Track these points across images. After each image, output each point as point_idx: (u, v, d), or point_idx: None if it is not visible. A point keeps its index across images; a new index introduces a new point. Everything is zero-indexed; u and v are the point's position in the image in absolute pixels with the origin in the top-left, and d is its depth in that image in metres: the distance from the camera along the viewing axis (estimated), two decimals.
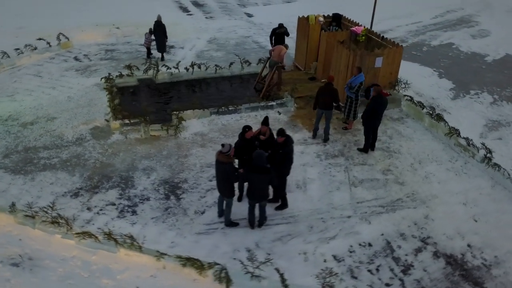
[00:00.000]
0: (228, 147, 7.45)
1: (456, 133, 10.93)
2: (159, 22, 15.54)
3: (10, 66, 14.77)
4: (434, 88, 14.41)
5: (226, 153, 7.43)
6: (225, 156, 7.44)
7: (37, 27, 18.10)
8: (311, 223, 8.38)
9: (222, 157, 7.46)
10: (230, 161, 7.48)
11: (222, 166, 7.51)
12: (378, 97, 10.09)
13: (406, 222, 8.48)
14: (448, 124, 11.28)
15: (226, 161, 7.46)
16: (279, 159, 7.98)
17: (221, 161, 7.48)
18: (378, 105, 10.03)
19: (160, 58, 15.97)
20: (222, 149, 7.47)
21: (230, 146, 7.49)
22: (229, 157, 7.48)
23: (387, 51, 12.39)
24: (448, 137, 11.06)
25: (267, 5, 24.86)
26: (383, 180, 9.68)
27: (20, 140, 10.64)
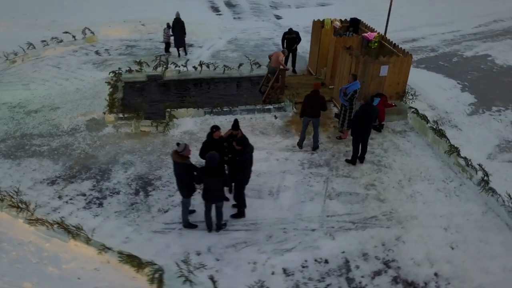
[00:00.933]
0: (183, 147, 7.38)
1: (456, 152, 10.11)
2: (178, 19, 15.86)
3: (35, 56, 15.64)
4: (451, 101, 13.45)
5: (180, 153, 7.35)
6: (179, 156, 7.37)
7: (69, 21, 19.05)
8: (272, 232, 8.09)
9: (176, 156, 7.39)
10: (184, 161, 7.39)
11: (177, 166, 7.45)
12: (367, 105, 9.57)
13: (374, 242, 7.94)
14: (449, 141, 10.47)
15: (180, 161, 7.38)
16: (236, 165, 7.79)
17: (175, 160, 7.41)
18: (366, 113, 9.50)
19: (177, 54, 16.24)
20: (177, 148, 7.40)
21: (185, 146, 7.41)
22: (184, 157, 7.39)
23: (394, 60, 11.72)
24: (447, 155, 10.26)
25: (299, 8, 24.52)
26: (363, 195, 9.16)
27: (20, 127, 11.21)
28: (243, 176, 7.90)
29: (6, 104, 12.27)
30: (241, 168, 7.77)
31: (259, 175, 9.65)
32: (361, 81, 11.68)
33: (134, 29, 19.03)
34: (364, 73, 11.64)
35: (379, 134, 11.44)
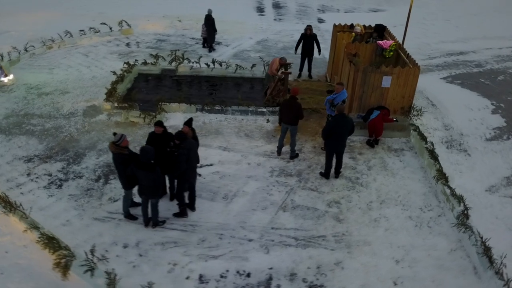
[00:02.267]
0: (119, 137, 7.39)
1: (443, 178, 9.00)
2: (209, 15, 16.10)
3: (71, 44, 16.78)
4: (473, 123, 12.00)
5: (117, 143, 7.37)
6: (115, 146, 7.40)
7: (115, 13, 20.14)
8: (207, 237, 7.82)
9: (112, 147, 7.43)
10: (119, 151, 7.40)
11: (114, 156, 7.50)
12: (339, 117, 8.88)
13: (309, 263, 7.33)
14: (440, 165, 9.36)
15: (114, 151, 7.41)
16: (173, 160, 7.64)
17: (111, 150, 7.46)
18: (337, 125, 8.82)
19: (208, 49, 16.65)
20: (114, 138, 7.44)
21: (121, 136, 7.41)
22: (120, 147, 7.39)
23: (398, 71, 10.74)
24: (435, 181, 9.18)
25: (348, 12, 23.59)
26: (321, 212, 8.51)
27: (27, 106, 12.08)
28: (182, 174, 7.68)
29: (26, 85, 13.29)
30: (176, 163, 7.57)
31: (223, 177, 9.41)
32: (361, 91, 10.91)
33: (170, 24, 19.62)
34: (364, 83, 10.83)
35: (371, 149, 10.58)
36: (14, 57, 14.86)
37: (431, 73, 15.44)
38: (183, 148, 7.50)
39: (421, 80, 14.36)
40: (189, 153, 7.54)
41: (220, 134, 11.04)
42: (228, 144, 10.61)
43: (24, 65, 14.82)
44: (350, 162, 10.09)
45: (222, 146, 10.53)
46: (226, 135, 11.03)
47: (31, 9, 20.98)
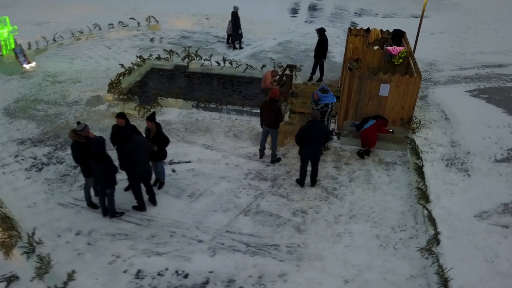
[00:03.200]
0: (82, 126, 7.52)
1: (424, 197, 8.28)
2: (234, 12, 16.23)
3: (99, 37, 17.53)
4: (486, 142, 10.95)
5: (79, 132, 7.50)
6: (75, 134, 7.54)
7: (149, 9, 20.78)
8: (159, 233, 7.76)
9: (72, 134, 7.59)
10: (76, 140, 7.52)
11: (73, 144, 7.65)
12: (312, 123, 8.46)
13: (252, 271, 7.04)
14: (424, 184, 8.63)
15: (72, 138, 7.55)
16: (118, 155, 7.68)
17: (70, 137, 7.63)
18: (309, 131, 8.40)
19: (233, 47, 16.86)
20: (77, 127, 7.59)
21: (84, 126, 7.54)
22: (80, 136, 7.52)
23: (397, 79, 10.04)
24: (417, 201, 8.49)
25: (386, 17, 22.56)
26: (284, 220, 8.15)
27: (38, 92, 12.76)
28: (127, 168, 7.68)
29: (44, 73, 14.05)
30: (121, 159, 7.59)
31: (196, 176, 9.33)
32: (357, 98, 10.37)
33: (198, 22, 19.87)
34: (360, 90, 10.27)
35: (359, 160, 10.00)
36: (42, 46, 15.74)
37: (457, 85, 14.33)
38: (125, 147, 7.48)
39: (442, 92, 13.51)
40: (132, 152, 7.49)
41: (209, 132, 10.96)
42: (213, 143, 10.51)
43: (50, 54, 15.67)
44: (333, 172, 9.59)
45: (206, 144, 10.44)
46: (215, 133, 10.92)
47: (73, 2, 22.19)
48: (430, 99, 13.19)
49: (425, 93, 13.58)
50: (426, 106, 12.73)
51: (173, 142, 10.47)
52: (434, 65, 16.05)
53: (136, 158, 7.54)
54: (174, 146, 10.34)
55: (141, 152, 7.59)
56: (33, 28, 18.08)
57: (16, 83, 13.27)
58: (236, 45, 16.93)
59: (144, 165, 7.78)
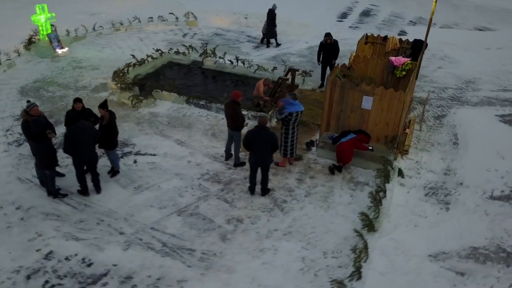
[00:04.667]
0: (29, 105, 7.90)
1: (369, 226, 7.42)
2: (271, 10, 16.33)
3: (137, 29, 18.39)
4: (488, 175, 9.52)
5: (26, 109, 7.90)
6: (25, 113, 7.95)
7: (194, 5, 21.31)
8: (89, 219, 7.90)
9: (23, 114, 8.01)
10: (26, 119, 7.92)
11: (22, 123, 8.08)
12: (258, 130, 8.09)
13: (153, 272, 6.86)
14: (377, 212, 7.72)
15: (24, 118, 7.96)
16: None
17: (21, 116, 8.06)
18: (256, 138, 8.02)
19: (266, 45, 16.89)
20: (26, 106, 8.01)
21: (31, 105, 7.91)
22: (28, 115, 7.88)
23: (381, 92, 9.12)
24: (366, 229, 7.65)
25: (445, 28, 20.72)
26: (214, 226, 7.84)
27: (57, 75, 13.74)
28: (70, 151, 7.86)
29: (72, 58, 15.09)
30: (66, 143, 7.77)
31: (153, 169, 9.36)
32: (339, 109, 9.65)
33: (236, 20, 19.91)
34: (342, 100, 9.53)
35: (328, 176, 9.29)
36: (81, 34, 16.91)
37: (489, 107, 12.65)
38: (69, 131, 7.67)
39: (466, 113, 12.07)
40: (76, 137, 7.66)
41: (189, 129, 10.92)
42: (187, 139, 10.45)
43: (87, 42, 16.77)
44: (293, 184, 9.00)
45: (180, 140, 10.42)
46: (194, 130, 10.86)
47: None
48: (448, 119, 11.79)
49: (444, 112, 12.19)
50: (438, 126, 11.41)
51: (149, 134, 10.66)
52: (473, 83, 14.33)
53: (80, 143, 7.73)
54: (148, 138, 10.50)
55: (85, 137, 7.77)
56: (86, 18, 19.41)
57: (44, 66, 14.41)
58: (269, 44, 16.92)
59: (88, 151, 7.94)
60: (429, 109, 12.36)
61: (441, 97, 13.16)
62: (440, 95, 13.35)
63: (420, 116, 11.87)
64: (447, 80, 14.46)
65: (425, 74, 14.91)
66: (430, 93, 13.36)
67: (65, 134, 7.98)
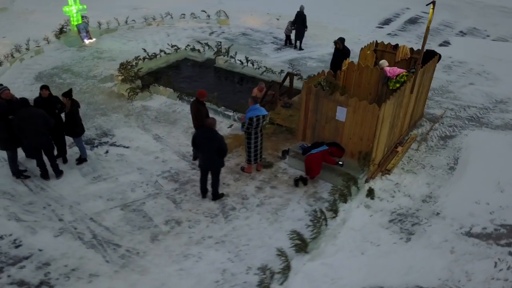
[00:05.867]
0: (1, 88, 8.33)
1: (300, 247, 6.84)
2: (300, 12, 16.08)
3: (168, 24, 18.86)
4: (479, 208, 8.39)
5: None
6: None
7: (231, 4, 21.42)
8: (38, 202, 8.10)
9: None
10: None
11: None
12: (203, 131, 7.78)
13: (67, 260, 6.88)
14: (318, 233, 7.11)
15: None
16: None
17: None
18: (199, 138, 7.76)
19: (299, 47, 16.63)
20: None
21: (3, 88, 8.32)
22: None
23: (354, 103, 8.38)
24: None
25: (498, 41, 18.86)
26: (151, 225, 7.70)
27: (75, 64, 14.48)
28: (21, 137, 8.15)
29: (97, 49, 15.83)
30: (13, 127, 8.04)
31: (119, 161, 9.48)
32: (314, 119, 9.11)
33: (268, 21, 19.64)
34: (316, 109, 8.96)
35: (291, 187, 8.77)
36: (113, 27, 17.69)
37: (510, 131, 11.17)
38: (15, 116, 7.90)
39: (481, 136, 10.94)
40: (21, 122, 7.88)
41: (172, 125, 10.92)
42: (165, 135, 10.44)
43: (117, 34, 17.49)
44: (251, 191, 8.61)
45: (157, 135, 10.44)
46: (176, 127, 10.83)
47: None
48: (454, 141, 10.60)
49: (455, 133, 10.97)
50: (439, 148, 10.30)
51: (132, 127, 10.80)
52: (504, 103, 12.80)
53: (27, 129, 7.99)
54: (129, 131, 10.65)
55: (33, 123, 8.00)
56: (128, 12, 20.26)
57: (68, 54, 15.26)
58: (297, 44, 16.68)
59: (38, 137, 8.17)
60: (438, 128, 11.19)
61: (458, 116, 11.85)
62: (459, 113, 12.03)
63: (423, 134, 10.80)
64: (474, 98, 13.02)
65: (451, 90, 13.58)
66: (448, 110, 12.14)
67: (12, 120, 8.14)
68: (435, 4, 8.61)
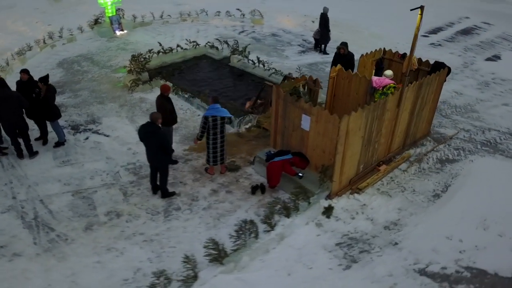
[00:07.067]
0: None
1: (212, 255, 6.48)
2: (323, 14, 15.65)
3: (202, 21, 19.09)
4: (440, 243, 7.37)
5: None
6: None
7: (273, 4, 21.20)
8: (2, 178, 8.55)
9: None
10: None
11: None
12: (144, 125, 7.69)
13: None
14: (217, 247, 6.68)
15: None
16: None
17: None
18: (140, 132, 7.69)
19: (323, 50, 16.18)
20: None
21: None
22: None
23: (317, 112, 7.77)
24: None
25: None
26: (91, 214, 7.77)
27: (98, 53, 15.14)
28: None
29: (125, 40, 16.44)
30: None
31: (93, 149, 9.71)
32: (283, 125, 8.67)
33: (302, 23, 19.07)
34: (285, 115, 8.50)
35: (247, 194, 8.38)
36: (147, 20, 18.28)
37: None
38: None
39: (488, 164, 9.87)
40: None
41: None
42: None
43: (150, 28, 18.04)
44: (204, 194, 8.36)
45: None
46: None
47: None
48: (454, 166, 9.47)
49: (459, 157, 9.82)
50: (432, 171, 9.28)
51: (121, 117, 11.05)
52: None
53: (2, 110, 8.45)
54: (116, 120, 10.89)
55: (7, 104, 8.44)
56: (171, 7, 20.87)
57: (97, 44, 16.03)
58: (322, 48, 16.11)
59: (13, 117, 8.60)
60: (442, 150, 10.03)
61: (472, 139, 10.53)
62: (474, 136, 10.69)
63: (420, 154, 9.76)
64: (500, 121, 11.50)
65: (477, 109, 12.14)
66: (463, 131, 10.86)
67: None
68: (423, 9, 7.67)
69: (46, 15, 19.12)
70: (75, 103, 11.55)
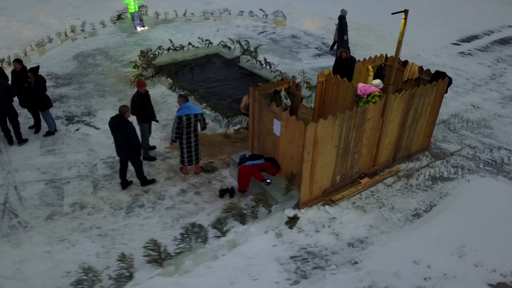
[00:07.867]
0: None
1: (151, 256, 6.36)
2: (341, 16, 15.16)
3: (225, 20, 19.08)
4: (401, 264, 6.84)
5: None
6: None
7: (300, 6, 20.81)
8: None
9: None
10: None
11: None
12: (112, 118, 7.68)
13: None
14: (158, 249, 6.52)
15: None
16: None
17: None
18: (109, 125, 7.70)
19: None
20: None
21: None
22: None
23: (286, 118, 7.44)
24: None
25: None
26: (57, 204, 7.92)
27: (115, 47, 15.50)
28: None
29: (144, 36, 16.72)
30: None
31: (80, 140, 9.93)
32: (258, 129, 8.46)
33: (325, 26, 18.53)
34: (260, 119, 8.27)
35: (215, 197, 8.22)
36: (170, 18, 18.53)
37: None
38: None
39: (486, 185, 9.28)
40: None
41: None
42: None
43: (171, 25, 18.26)
44: (172, 193, 8.29)
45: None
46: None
47: None
48: (447, 185, 8.79)
49: (455, 176, 9.10)
50: (421, 189, 8.68)
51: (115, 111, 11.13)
52: None
53: None
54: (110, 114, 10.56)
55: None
56: (200, 6, 21.05)
57: (117, 39, 16.45)
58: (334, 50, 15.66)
59: (2, 104, 8.96)
60: (438, 166, 9.32)
61: (476, 157, 9.71)
62: (480, 154, 9.86)
63: (412, 170, 9.13)
64: None
65: (492, 125, 11.21)
66: (468, 148, 10.05)
67: None
68: (407, 13, 7.14)
69: (78, 9, 19.90)
70: (77, 95, 11.88)
